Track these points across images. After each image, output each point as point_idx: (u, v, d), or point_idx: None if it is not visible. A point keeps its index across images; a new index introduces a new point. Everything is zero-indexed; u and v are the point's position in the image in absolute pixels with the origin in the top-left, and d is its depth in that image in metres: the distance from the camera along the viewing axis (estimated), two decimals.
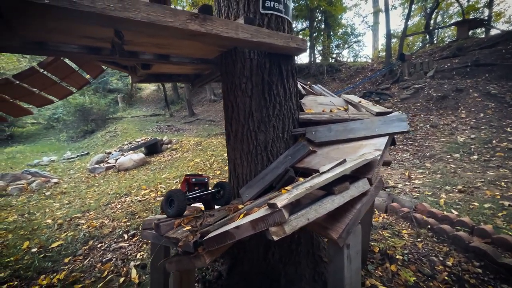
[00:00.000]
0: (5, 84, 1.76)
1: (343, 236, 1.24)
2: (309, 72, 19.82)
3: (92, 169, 7.51)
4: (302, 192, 1.15)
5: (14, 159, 11.69)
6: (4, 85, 1.78)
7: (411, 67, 11.79)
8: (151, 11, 1.14)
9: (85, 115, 17.10)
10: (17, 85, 1.77)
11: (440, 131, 7.40)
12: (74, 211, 3.85)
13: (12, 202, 4.85)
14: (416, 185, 4.40)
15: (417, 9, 22.89)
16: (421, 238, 2.53)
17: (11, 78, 1.73)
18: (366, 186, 1.33)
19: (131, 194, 4.35)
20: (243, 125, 1.89)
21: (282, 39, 1.67)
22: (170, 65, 2.16)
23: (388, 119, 1.60)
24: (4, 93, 1.90)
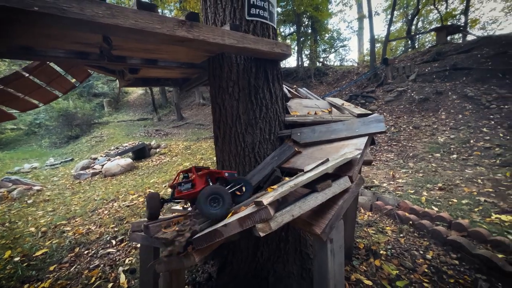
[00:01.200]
0: None
1: (326, 231, 1.31)
2: (297, 76, 20.16)
3: (77, 175, 7.32)
4: (286, 190, 1.22)
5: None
6: None
7: (394, 71, 12.22)
8: (139, 18, 1.18)
9: (69, 120, 16.61)
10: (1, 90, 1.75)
11: (422, 132, 7.71)
12: (59, 218, 3.75)
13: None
14: (400, 184, 4.58)
15: (399, 16, 23.82)
16: (403, 234, 2.65)
17: None
18: (347, 184, 1.41)
19: (119, 199, 4.29)
20: (231, 127, 1.95)
21: (267, 45, 1.74)
22: (158, 69, 2.18)
23: (367, 120, 1.69)
24: None
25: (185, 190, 1.57)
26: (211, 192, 1.40)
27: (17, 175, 8.67)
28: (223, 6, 1.85)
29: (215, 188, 1.42)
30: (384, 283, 1.93)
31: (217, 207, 1.40)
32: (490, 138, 6.33)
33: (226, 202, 1.40)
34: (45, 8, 0.95)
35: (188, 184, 1.58)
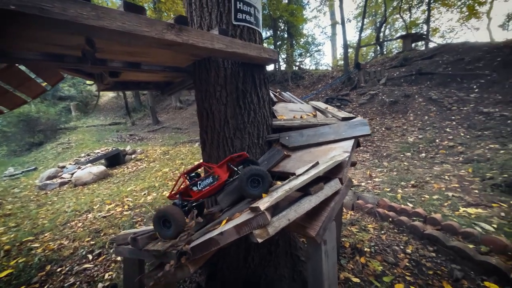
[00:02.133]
0: None
1: (320, 233, 1.33)
2: (274, 79, 20.46)
3: (43, 186, 6.75)
4: (282, 195, 1.22)
5: None
6: None
7: (366, 75, 12.89)
8: (126, 20, 1.12)
9: (31, 126, 15.32)
10: None
11: (393, 133, 8.20)
12: (24, 234, 3.41)
13: None
14: (377, 183, 4.81)
15: (368, 23, 25.24)
16: (384, 231, 2.79)
17: None
18: (338, 186, 1.45)
19: (94, 210, 4.01)
20: (219, 132, 1.92)
21: (255, 50, 1.75)
22: (140, 73, 2.10)
23: (352, 123, 1.77)
24: None
25: (206, 186, 1.50)
26: (252, 173, 1.39)
27: None
28: (209, 10, 1.83)
29: (255, 169, 1.40)
30: (371, 279, 2.01)
31: (257, 188, 1.40)
32: (453, 137, 6.90)
33: (266, 182, 1.40)
34: (23, 7, 0.87)
35: (208, 179, 1.52)
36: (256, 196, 1.39)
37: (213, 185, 1.50)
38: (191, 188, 1.52)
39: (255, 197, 1.40)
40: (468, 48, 10.94)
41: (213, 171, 1.53)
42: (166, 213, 1.34)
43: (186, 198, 1.55)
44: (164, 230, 1.35)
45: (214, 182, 1.51)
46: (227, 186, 1.67)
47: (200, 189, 1.51)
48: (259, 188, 1.40)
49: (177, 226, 1.33)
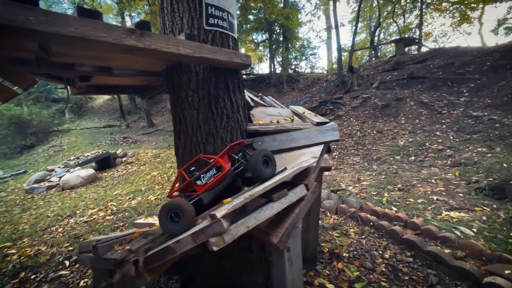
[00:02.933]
0: None
1: (283, 240, 1.32)
2: (270, 82, 20.53)
3: (30, 190, 6.66)
4: (241, 202, 1.21)
5: None
6: None
7: (359, 79, 12.98)
8: (80, 25, 1.11)
9: (23, 128, 15.14)
10: None
11: (385, 136, 8.24)
12: (2, 240, 3.35)
13: None
14: (364, 186, 4.82)
15: (363, 27, 25.51)
16: (365, 235, 2.78)
17: None
18: (303, 192, 1.44)
19: (76, 215, 3.96)
20: (191, 137, 1.90)
21: (225, 55, 1.74)
22: (113, 77, 2.08)
23: (323, 129, 1.76)
24: None
25: (211, 178, 1.48)
26: (263, 155, 1.45)
27: None
28: (181, 15, 1.82)
29: (262, 151, 1.47)
30: (345, 286, 2.00)
31: (268, 168, 1.46)
32: (442, 140, 6.95)
33: (273, 162, 1.48)
34: None
35: (212, 171, 1.50)
36: (268, 176, 1.44)
37: (218, 176, 1.48)
38: (195, 183, 1.47)
39: (267, 178, 1.44)
40: (459, 53, 11.09)
41: (216, 162, 1.51)
42: (176, 205, 1.27)
43: (189, 194, 1.49)
44: (172, 225, 1.27)
45: (218, 173, 1.49)
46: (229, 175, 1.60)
47: (204, 183, 1.47)
48: (270, 168, 1.47)
49: (187, 220, 1.26)
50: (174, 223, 1.28)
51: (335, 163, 6.99)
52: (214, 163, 1.53)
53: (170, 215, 1.29)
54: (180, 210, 1.28)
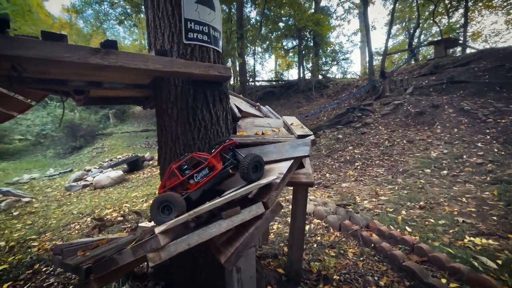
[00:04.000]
0: None
1: (231, 259, 1.27)
2: (298, 88, 20.29)
3: (69, 187, 7.43)
4: (182, 218, 1.20)
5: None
6: None
7: (392, 84, 12.16)
8: (44, 48, 1.22)
9: (74, 131, 17.03)
10: None
11: (415, 146, 7.55)
12: (32, 233, 3.78)
13: None
14: (382, 201, 4.44)
15: (400, 29, 23.96)
16: (363, 257, 2.54)
17: None
18: (260, 210, 1.37)
19: (94, 213, 4.31)
20: (171, 148, 1.96)
21: (200, 68, 1.77)
22: (108, 90, 2.24)
23: (295, 143, 1.67)
24: None
25: (203, 177, 1.53)
26: (255, 160, 1.49)
27: (14, 186, 8.88)
28: (162, 31, 1.90)
29: (256, 157, 1.51)
30: None
31: (256, 173, 1.51)
32: (484, 153, 6.13)
33: (262, 167, 1.54)
34: None
35: (205, 170, 1.55)
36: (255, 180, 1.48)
37: (210, 176, 1.53)
38: (187, 181, 1.53)
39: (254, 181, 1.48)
40: (511, 54, 9.76)
41: (209, 161, 1.55)
42: (168, 198, 1.33)
43: (181, 191, 1.53)
44: (163, 217, 1.31)
45: (210, 173, 1.54)
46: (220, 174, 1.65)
47: (197, 181, 1.53)
48: (258, 172, 1.51)
49: (178, 212, 1.31)
50: (165, 215, 1.32)
51: (356, 174, 6.58)
52: (207, 163, 1.56)
53: (162, 207, 1.33)
54: (171, 203, 1.32)
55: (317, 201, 4.21)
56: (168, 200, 1.33)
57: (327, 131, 11.19)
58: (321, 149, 9.34)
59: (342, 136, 9.86)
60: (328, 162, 8.01)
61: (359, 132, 9.65)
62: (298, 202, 2.10)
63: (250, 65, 21.89)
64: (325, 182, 6.11)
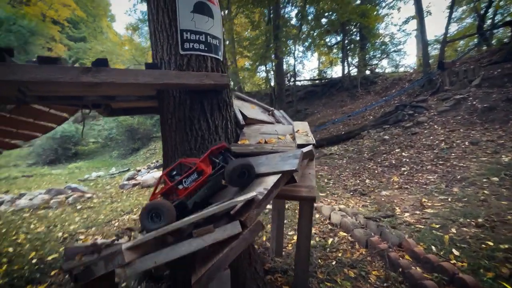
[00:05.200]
0: None
1: (202, 281, 1.20)
2: (342, 86, 19.13)
3: (122, 185, 8.36)
4: (149, 236, 1.18)
5: (73, 174, 13.68)
6: None
7: (452, 76, 10.53)
8: (39, 71, 1.35)
9: (133, 134, 19.17)
10: None
11: (481, 149, 6.34)
12: (83, 226, 4.35)
13: (49, 214, 5.69)
14: (427, 215, 3.82)
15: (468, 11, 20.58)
16: (388, 283, 2.20)
17: None
18: (236, 230, 1.27)
19: (133, 211, 4.74)
20: (171, 157, 2.00)
21: (194, 78, 1.75)
22: (125, 102, 2.41)
23: (286, 155, 1.51)
24: None
25: (192, 182, 1.53)
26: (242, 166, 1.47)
27: (83, 183, 10.40)
28: (161, 44, 1.95)
29: (244, 162, 1.48)
30: None
31: (243, 179, 1.49)
32: None
33: (252, 174, 1.50)
34: None
35: (193, 175, 1.54)
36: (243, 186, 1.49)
37: (199, 180, 1.52)
38: (176, 187, 1.54)
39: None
40: None
41: (197, 166, 1.54)
42: (156, 206, 1.35)
43: (171, 198, 1.56)
44: (152, 225, 1.33)
45: (199, 177, 1.53)
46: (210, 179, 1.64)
47: (186, 187, 1.53)
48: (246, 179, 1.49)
49: (167, 220, 1.32)
50: (154, 223, 1.34)
51: (401, 180, 5.84)
52: (196, 167, 1.54)
53: (151, 215, 1.35)
54: (160, 211, 1.34)
55: (347, 211, 3.85)
56: (157, 207, 1.34)
57: (371, 131, 10.26)
58: (363, 151, 8.59)
59: (389, 137, 8.90)
60: (370, 166, 7.31)
61: (409, 133, 8.57)
62: (301, 219, 1.92)
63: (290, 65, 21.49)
64: (362, 189, 5.58)
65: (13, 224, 5.06)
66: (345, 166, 7.78)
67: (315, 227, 3.59)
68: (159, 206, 1.34)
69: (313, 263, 2.59)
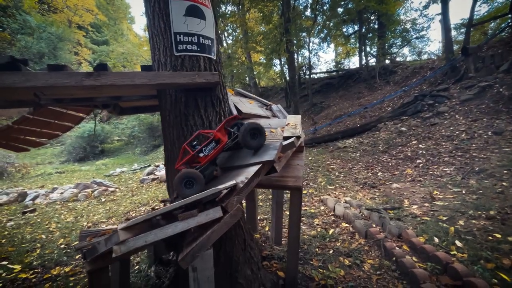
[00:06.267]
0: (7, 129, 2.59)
1: (186, 259, 1.35)
2: (359, 77, 18.53)
3: (142, 180, 8.86)
4: (141, 217, 1.35)
5: (100, 170, 14.63)
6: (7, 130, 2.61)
7: (478, 62, 9.85)
8: (49, 77, 1.56)
9: (153, 132, 19.99)
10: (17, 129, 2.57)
11: (505, 139, 5.97)
12: (105, 216, 4.75)
13: (77, 206, 6.24)
14: (437, 207, 3.74)
15: None
16: (381, 271, 2.24)
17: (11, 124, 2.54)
18: (217, 214, 1.41)
19: (148, 204, 5.07)
20: (170, 152, 2.17)
21: (185, 78, 1.90)
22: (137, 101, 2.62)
23: (267, 146, 1.61)
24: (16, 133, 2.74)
25: (211, 150, 1.71)
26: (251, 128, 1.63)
27: (108, 178, 11.12)
28: (158, 46, 2.11)
29: (252, 124, 1.64)
30: None
31: (256, 140, 1.64)
32: None
33: (263, 133, 1.65)
34: None
35: (211, 144, 1.72)
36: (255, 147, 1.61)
37: (217, 148, 1.71)
38: (198, 155, 1.72)
39: (255, 148, 1.63)
40: None
41: (214, 135, 1.73)
42: (189, 174, 1.54)
43: (194, 165, 1.74)
44: (187, 190, 1.54)
45: (217, 146, 1.72)
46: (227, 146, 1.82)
47: (206, 154, 1.71)
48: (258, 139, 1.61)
49: (199, 185, 1.55)
50: (188, 189, 1.55)
51: (415, 173, 5.67)
52: (213, 137, 1.72)
53: (185, 182, 1.56)
54: (192, 178, 1.55)
55: (352, 203, 3.86)
56: (190, 175, 1.54)
57: (388, 123, 9.93)
58: (378, 144, 8.37)
59: (406, 129, 8.58)
60: (384, 158, 7.14)
61: (428, 124, 8.22)
62: (291, 208, 2.02)
63: (306, 57, 21.13)
64: (373, 182, 5.50)
65: (47, 214, 5.63)
66: (358, 159, 7.65)
67: (318, 218, 3.65)
68: (192, 174, 1.53)
69: (310, 251, 2.68)
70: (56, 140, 21.92)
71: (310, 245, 2.83)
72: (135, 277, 2.64)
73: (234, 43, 17.78)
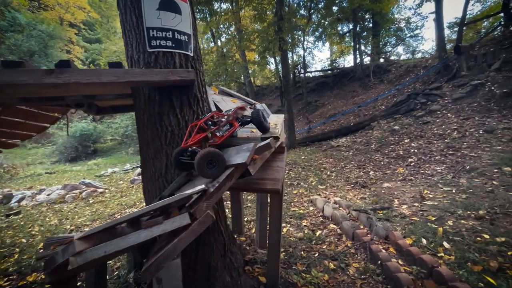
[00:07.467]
0: None
1: (151, 270, 1.26)
2: (354, 76, 18.54)
3: (132, 181, 8.70)
4: (100, 226, 1.25)
5: (91, 170, 14.37)
6: None
7: (470, 60, 9.88)
8: (1, 75, 1.44)
9: None
10: None
11: (496, 138, 5.97)
12: (89, 219, 4.61)
13: (63, 208, 6.08)
14: (426, 207, 3.69)
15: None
16: (366, 276, 2.17)
17: None
18: (184, 221, 1.31)
19: (135, 205, 4.95)
20: (145, 153, 2.06)
21: (158, 75, 1.79)
22: (109, 100, 2.50)
23: (240, 148, 1.52)
24: None
25: (226, 131, 1.79)
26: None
27: (99, 178, 10.92)
28: (131, 42, 2.00)
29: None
30: None
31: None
32: None
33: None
34: None
35: (226, 126, 1.83)
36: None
37: (230, 131, 1.79)
38: (215, 134, 1.75)
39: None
40: None
41: (230, 120, 1.83)
42: (212, 154, 1.47)
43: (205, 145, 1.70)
44: (209, 170, 1.47)
45: (230, 128, 1.81)
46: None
47: (222, 135, 1.75)
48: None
49: (221, 165, 1.48)
50: (209, 169, 1.48)
51: (406, 172, 5.63)
52: (229, 120, 1.83)
53: (207, 162, 1.47)
54: (215, 158, 1.47)
55: (341, 204, 3.79)
56: (213, 155, 1.47)
57: (382, 122, 9.93)
58: (370, 142, 8.34)
59: (399, 127, 8.57)
60: (376, 157, 7.10)
61: (421, 122, 8.21)
62: (271, 212, 1.93)
63: (300, 56, 21.06)
64: (364, 181, 5.45)
65: (31, 217, 5.46)
66: (350, 158, 7.61)
67: (306, 219, 3.58)
68: (215, 154, 1.47)
69: (295, 255, 2.60)
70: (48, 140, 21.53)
71: (295, 248, 2.75)
72: (114, 283, 2.53)
73: (227, 41, 17.58)
